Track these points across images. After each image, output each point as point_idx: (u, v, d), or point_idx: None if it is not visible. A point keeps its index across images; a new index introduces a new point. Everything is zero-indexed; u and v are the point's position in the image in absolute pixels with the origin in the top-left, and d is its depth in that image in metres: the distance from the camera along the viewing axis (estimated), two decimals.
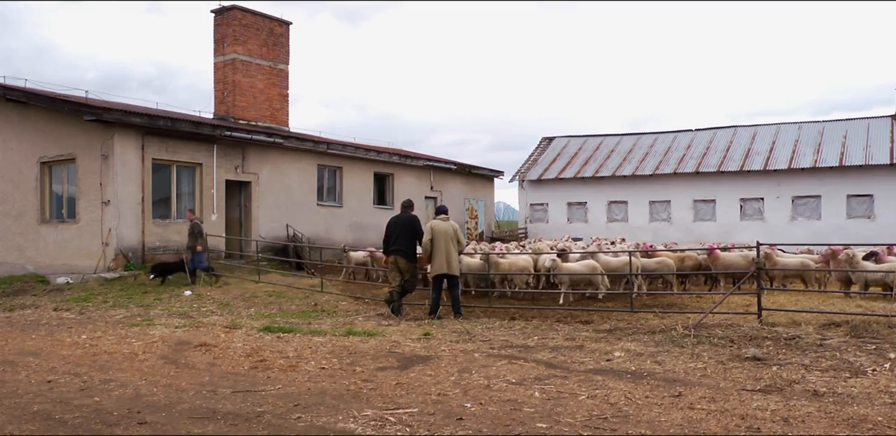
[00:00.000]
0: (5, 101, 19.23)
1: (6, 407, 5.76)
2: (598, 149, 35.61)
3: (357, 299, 13.55)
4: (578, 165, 34.34)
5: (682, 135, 34.89)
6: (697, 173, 30.76)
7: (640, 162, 33.05)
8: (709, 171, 30.60)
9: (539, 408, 5.37)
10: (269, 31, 24.82)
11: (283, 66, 25.31)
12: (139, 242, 17.48)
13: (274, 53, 24.95)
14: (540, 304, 12.85)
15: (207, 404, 5.69)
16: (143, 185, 17.77)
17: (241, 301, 13.63)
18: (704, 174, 30.69)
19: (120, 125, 17.29)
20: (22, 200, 19.31)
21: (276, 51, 25.04)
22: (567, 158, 35.36)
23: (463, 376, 6.55)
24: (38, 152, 18.92)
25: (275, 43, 25.00)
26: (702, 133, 34.53)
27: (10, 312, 13.10)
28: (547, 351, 7.79)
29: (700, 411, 5.15)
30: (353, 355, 7.74)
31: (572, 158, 35.24)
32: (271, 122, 24.58)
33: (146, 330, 10.06)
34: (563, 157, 35.56)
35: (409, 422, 5.06)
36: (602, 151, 35.33)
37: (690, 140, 33.91)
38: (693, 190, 31.03)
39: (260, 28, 24.47)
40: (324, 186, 23.72)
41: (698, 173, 30.75)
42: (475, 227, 31.25)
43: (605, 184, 32.84)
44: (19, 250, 19.08)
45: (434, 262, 11.02)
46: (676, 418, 5.02)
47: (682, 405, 5.34)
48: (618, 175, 32.49)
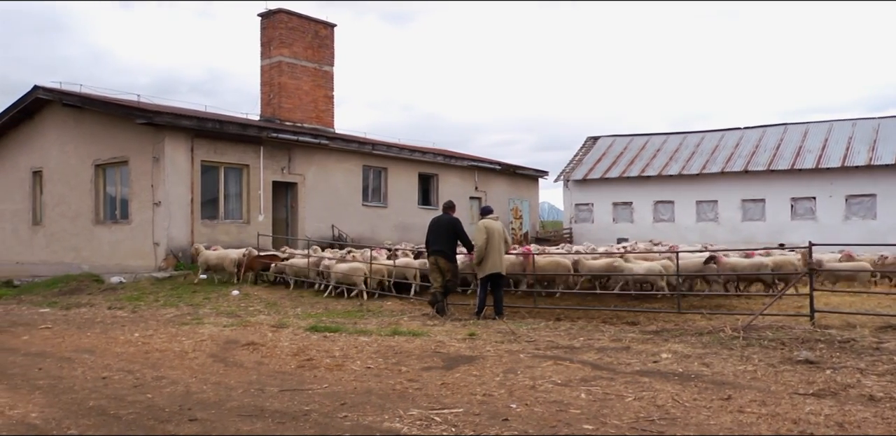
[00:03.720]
0: (62, 106, 19.79)
1: (64, 402, 5.93)
2: (643, 148, 35.21)
3: (402, 299, 13.60)
4: (624, 164, 33.99)
5: (729, 133, 34.28)
6: (746, 172, 30.20)
7: (687, 161, 32.58)
8: (758, 169, 30.01)
9: (585, 409, 5.33)
10: (315, 34, 25.08)
11: (328, 67, 25.55)
12: (188, 242, 17.82)
13: (319, 55, 25.21)
14: (586, 304, 12.74)
15: (255, 402, 5.77)
16: (193, 186, 18.10)
17: (287, 301, 13.78)
18: (753, 173, 30.11)
19: (170, 128, 17.64)
20: (78, 201, 19.84)
21: (321, 53, 25.30)
22: (612, 157, 35.03)
23: (508, 377, 6.53)
24: (93, 155, 19.41)
25: (320, 45, 25.25)
26: (750, 131, 33.87)
27: (66, 310, 13.45)
28: (593, 352, 7.72)
29: (750, 415, 5.06)
30: (398, 355, 7.78)
31: (617, 157, 34.90)
32: (317, 123, 24.85)
33: (195, 329, 10.24)
34: (609, 156, 35.24)
35: (454, 422, 5.06)
36: (648, 150, 34.92)
37: (739, 138, 33.30)
38: (741, 189, 30.46)
39: (305, 30, 24.75)
40: (369, 187, 23.88)
41: (747, 172, 30.18)
42: (520, 227, 31.14)
43: (651, 183, 32.45)
44: (75, 250, 19.59)
45: (488, 262, 10.95)
46: (726, 421, 4.93)
47: (732, 409, 5.24)
48: (664, 175, 32.08)
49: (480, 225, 11.09)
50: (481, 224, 11.10)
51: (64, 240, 20.09)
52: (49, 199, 20.83)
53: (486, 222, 11.10)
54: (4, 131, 21.98)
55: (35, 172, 21.33)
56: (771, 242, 23.58)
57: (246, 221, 19.50)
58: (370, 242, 21.55)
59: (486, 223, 11.07)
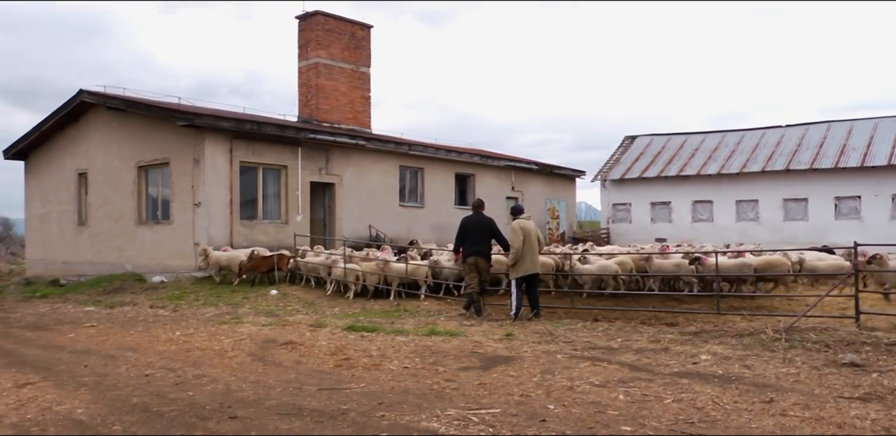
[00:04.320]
0: (106, 109, 20.17)
1: (108, 399, 6.05)
2: (681, 147, 34.79)
3: (439, 299, 13.62)
4: (662, 163, 33.63)
5: (771, 131, 33.70)
6: (788, 171, 29.66)
7: (727, 160, 32.11)
8: (800, 168, 29.46)
9: (623, 411, 5.28)
10: (351, 35, 25.23)
11: (364, 68, 25.68)
12: (227, 242, 18.03)
13: (356, 57, 25.36)
14: (623, 305, 12.64)
15: (294, 401, 5.83)
16: (232, 187, 18.33)
17: (325, 300, 13.89)
18: (795, 172, 29.56)
19: (210, 130, 17.88)
20: (121, 202, 20.21)
21: (358, 54, 25.44)
22: (650, 156, 34.68)
23: (546, 378, 6.51)
24: (136, 157, 19.77)
25: (357, 46, 25.40)
26: (792, 129, 33.26)
27: (111, 309, 13.72)
28: (631, 353, 7.66)
29: (793, 419, 4.97)
30: (435, 355, 7.79)
31: (655, 156, 34.54)
32: (354, 124, 24.99)
33: (235, 328, 10.37)
34: (646, 156, 34.89)
35: (491, 422, 5.05)
36: (686, 149, 34.50)
37: (780, 137, 32.72)
38: (783, 188, 29.93)
39: (342, 32, 24.91)
40: (406, 187, 23.95)
41: (788, 171, 29.65)
42: (556, 227, 30.98)
43: (690, 183, 32.05)
44: (119, 250, 19.97)
45: (524, 262, 10.86)
46: (768, 424, 4.85)
47: (774, 412, 5.16)
48: (703, 174, 31.66)
49: (516, 226, 10.96)
50: (516, 225, 10.98)
51: (108, 240, 20.48)
52: (94, 200, 21.26)
53: (522, 223, 11.01)
54: (51, 134, 22.49)
55: (80, 174, 21.78)
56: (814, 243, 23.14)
57: (284, 221, 19.69)
58: (407, 242, 21.62)
59: (521, 224, 10.98)
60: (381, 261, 14.45)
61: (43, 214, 23.42)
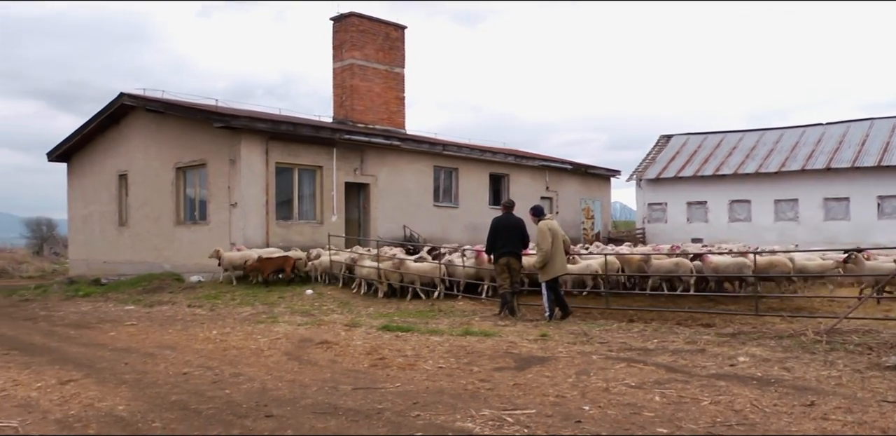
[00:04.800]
0: (146, 111, 20.53)
1: (148, 396, 6.15)
2: (718, 146, 34.33)
3: (474, 300, 13.61)
4: (698, 163, 33.22)
5: (811, 129, 33.10)
6: (828, 170, 29.10)
7: (765, 159, 31.61)
8: (842, 167, 28.88)
9: (659, 413, 5.23)
10: (386, 36, 25.34)
11: (398, 69, 25.78)
12: (263, 242, 18.22)
13: (390, 57, 25.46)
14: (659, 306, 12.51)
15: (329, 400, 5.87)
16: (268, 187, 18.52)
17: (360, 300, 13.96)
18: (836, 170, 28.99)
19: (246, 131, 18.09)
20: (160, 203, 20.54)
21: (392, 55, 25.54)
22: (686, 156, 34.28)
23: (581, 379, 6.47)
24: (174, 158, 20.07)
25: (391, 47, 25.50)
26: (833, 127, 32.62)
27: (150, 308, 13.95)
28: (667, 354, 7.58)
29: (835, 423, 4.88)
30: (470, 355, 7.79)
31: (692, 155, 34.13)
32: (388, 124, 25.09)
33: (271, 327, 10.48)
34: (682, 155, 34.50)
35: (526, 423, 5.04)
36: (723, 148, 34.03)
37: (820, 135, 32.11)
38: (823, 187, 29.36)
39: (376, 33, 25.03)
40: (440, 187, 23.98)
41: (829, 170, 29.09)
42: (591, 227, 30.78)
43: (727, 182, 31.61)
44: (157, 250, 20.29)
45: (555, 264, 10.79)
46: (808, 428, 4.77)
47: (815, 415, 5.06)
48: (740, 173, 31.21)
49: (544, 227, 10.81)
50: (544, 226, 10.83)
51: (147, 240, 20.82)
52: (133, 201, 21.63)
53: (549, 224, 10.92)
54: (93, 137, 22.94)
55: (121, 175, 22.18)
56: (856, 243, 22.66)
57: (319, 221, 19.84)
58: (441, 242, 21.65)
59: (548, 225, 10.88)
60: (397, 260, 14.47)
61: (85, 214, 23.90)
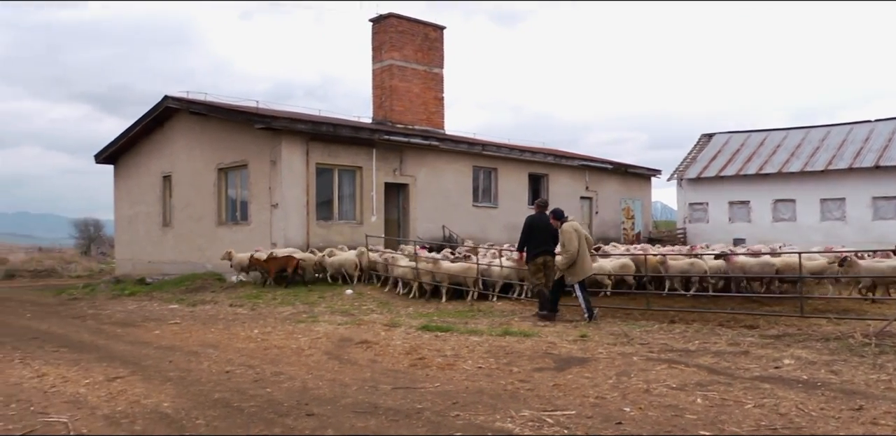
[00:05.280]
0: (189, 114, 20.87)
1: (192, 393, 6.25)
2: (762, 144, 33.72)
3: (513, 300, 13.58)
4: (741, 161, 32.68)
5: (858, 127, 32.32)
6: (878, 168, 28.39)
7: (810, 157, 30.97)
8: (891, 165, 28.14)
9: (702, 415, 5.17)
10: (424, 36, 25.39)
11: (437, 69, 25.81)
12: (304, 242, 18.40)
13: (429, 58, 25.50)
14: (701, 306, 12.34)
15: (369, 399, 5.90)
16: (308, 188, 18.68)
17: (399, 300, 14.01)
18: (886, 168, 28.25)
19: (287, 132, 18.28)
20: (202, 204, 20.86)
21: (430, 55, 25.58)
22: (728, 154, 33.74)
23: (621, 380, 6.42)
24: (216, 159, 20.37)
25: (429, 47, 25.54)
26: (882, 124, 31.80)
27: (193, 307, 14.18)
28: (709, 356, 7.48)
29: (885, 428, 4.76)
30: (509, 355, 7.78)
31: (734, 154, 33.59)
32: (427, 125, 25.13)
33: (311, 327, 10.57)
34: (724, 153, 33.97)
35: (566, 424, 5.02)
36: (767, 146, 33.42)
37: (869, 132, 31.34)
38: (872, 186, 28.64)
39: (415, 34, 25.09)
40: (479, 187, 23.96)
41: (878, 168, 28.38)
42: (632, 227, 30.49)
43: (771, 181, 31.04)
44: (200, 250, 20.60)
45: (583, 265, 10.84)
46: (857, 433, 4.67)
47: (864, 420, 4.95)
48: (784, 172, 30.61)
49: (569, 228, 10.84)
50: (569, 227, 10.86)
51: (190, 240, 21.16)
52: (177, 202, 22.01)
53: (573, 225, 10.99)
54: (138, 139, 23.39)
55: (165, 177, 22.57)
56: None
57: (359, 221, 19.96)
58: (480, 242, 21.64)
59: (573, 226, 10.94)
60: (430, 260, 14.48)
61: (130, 215, 24.38)
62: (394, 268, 14.97)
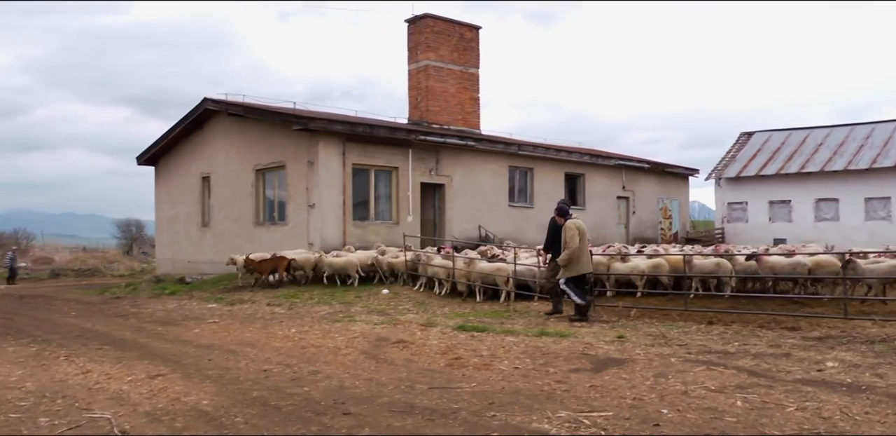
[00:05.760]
0: (227, 115, 21.15)
1: (230, 392, 6.33)
2: (803, 143, 33.11)
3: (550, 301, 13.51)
4: (782, 160, 32.14)
5: None
6: None
7: (854, 155, 30.33)
8: None
9: (742, 418, 5.09)
10: (460, 37, 25.41)
11: (473, 69, 25.80)
12: (340, 242, 18.52)
13: (465, 58, 25.51)
14: (740, 308, 12.15)
15: (406, 399, 5.92)
16: (344, 188, 18.81)
17: (435, 300, 14.03)
18: None
19: (324, 133, 18.42)
20: (241, 204, 21.12)
21: (466, 55, 25.58)
22: (769, 153, 33.20)
23: (659, 381, 6.35)
24: (254, 160, 20.60)
25: (465, 48, 25.55)
26: None
27: (231, 306, 14.35)
28: (749, 358, 7.36)
29: None
30: (545, 356, 7.74)
31: (774, 153, 33.04)
32: (463, 125, 25.14)
33: (348, 326, 10.63)
34: (764, 152, 33.43)
35: (603, 425, 4.98)
36: (808, 144, 32.80)
37: None
38: None
39: (451, 34, 25.12)
40: (515, 187, 23.91)
41: None
42: (669, 227, 30.17)
43: (813, 180, 30.47)
44: (238, 250, 20.81)
45: (580, 261, 10.93)
46: None
47: None
48: (827, 170, 30.03)
49: (571, 225, 10.99)
50: (572, 224, 11.02)
51: (228, 240, 21.43)
52: (216, 202, 22.31)
53: (576, 223, 11.09)
54: (178, 141, 23.78)
55: (204, 178, 22.90)
56: None
57: (395, 221, 20.04)
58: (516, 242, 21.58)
59: (576, 224, 11.06)
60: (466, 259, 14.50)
61: (171, 215, 24.78)
62: (427, 267, 15.03)
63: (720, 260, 13.92)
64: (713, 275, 13.79)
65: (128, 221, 53.36)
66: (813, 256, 13.94)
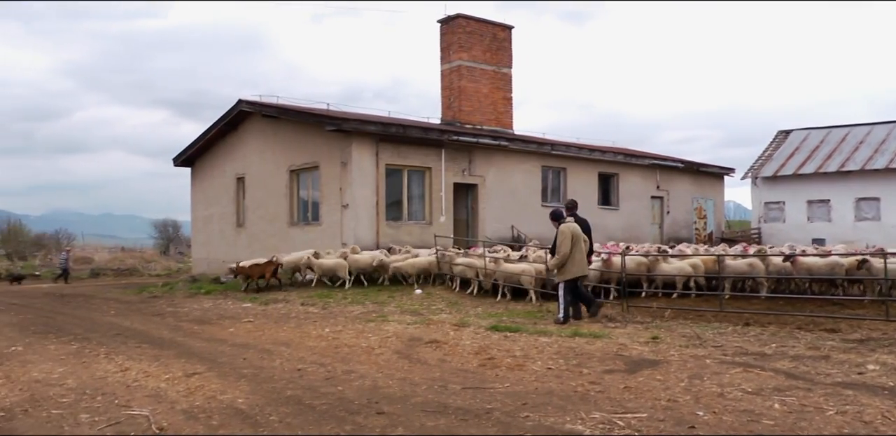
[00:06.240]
0: (262, 116, 21.37)
1: (265, 390, 6.39)
2: (843, 141, 32.50)
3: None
4: (820, 159, 31.58)
5: None
6: None
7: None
8: None
9: (779, 421, 5.01)
10: (493, 37, 25.37)
11: (506, 69, 25.75)
12: (374, 242, 18.60)
13: (497, 58, 25.46)
14: (777, 309, 11.97)
15: (439, 399, 5.93)
16: (378, 189, 18.89)
17: (468, 300, 14.03)
18: None
19: (357, 134, 18.52)
20: (275, 205, 21.32)
21: (499, 55, 25.53)
22: (807, 151, 32.64)
23: (694, 383, 6.28)
24: (288, 161, 20.79)
25: (498, 48, 25.50)
26: None
27: (265, 305, 14.48)
28: (787, 360, 7.25)
29: None
30: (579, 357, 7.71)
31: (813, 151, 32.47)
32: (496, 125, 25.10)
33: (381, 326, 10.68)
34: (803, 151, 32.88)
35: (637, 427, 4.94)
36: (848, 142, 32.19)
37: None
38: None
39: (483, 34, 25.09)
40: (548, 187, 23.81)
41: None
42: (704, 227, 29.81)
43: (853, 179, 29.89)
44: (272, 250, 21.00)
45: (573, 265, 10.89)
46: None
47: None
48: (868, 169, 29.44)
49: (565, 229, 11.05)
50: (565, 228, 11.07)
51: (263, 240, 21.64)
52: (250, 203, 22.55)
53: (570, 226, 11.12)
54: (214, 142, 24.08)
55: (238, 179, 23.16)
56: None
57: (428, 222, 20.07)
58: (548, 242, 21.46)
59: (569, 227, 11.08)
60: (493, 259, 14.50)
61: (206, 216, 25.10)
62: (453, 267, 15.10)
63: (753, 260, 13.74)
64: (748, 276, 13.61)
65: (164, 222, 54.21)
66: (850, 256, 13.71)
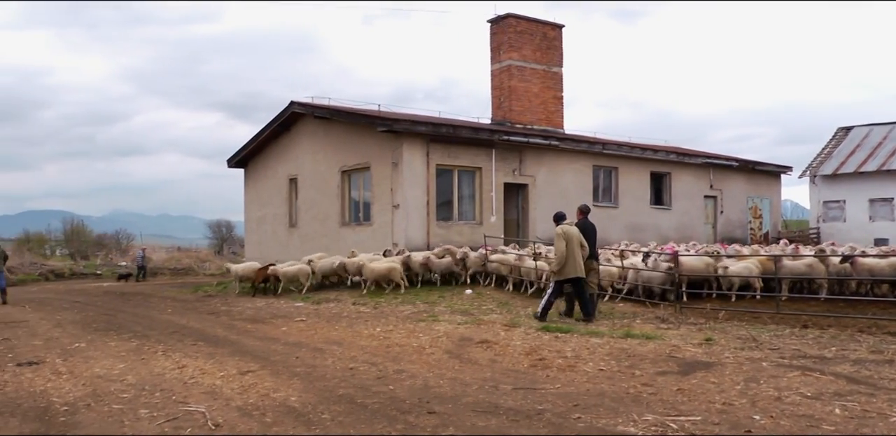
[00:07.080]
0: (314, 118, 21.63)
1: (318, 389, 6.47)
2: None
3: (635, 302, 13.29)
4: (883, 156, 30.62)
5: None
6: None
7: None
8: None
9: (840, 426, 4.88)
10: (543, 36, 25.24)
11: (556, 68, 25.59)
12: (424, 242, 18.67)
13: (547, 57, 25.32)
14: (837, 311, 11.63)
15: (490, 399, 5.92)
16: (428, 189, 18.95)
17: (518, 300, 13.99)
18: None
19: (408, 134, 18.61)
20: (327, 205, 21.55)
21: (549, 54, 25.39)
22: (868, 149, 31.68)
23: (750, 386, 6.16)
24: (340, 162, 21.00)
25: (548, 47, 25.36)
26: None
27: (317, 305, 14.66)
28: (848, 364, 7.05)
29: None
30: (631, 358, 7.62)
31: (875, 148, 31.50)
32: (546, 125, 24.96)
33: (432, 326, 10.71)
34: (864, 148, 31.92)
35: (691, 430, 4.86)
36: None
37: None
38: None
39: (533, 33, 24.98)
40: (599, 187, 23.57)
41: None
42: (759, 227, 29.16)
43: None
44: (324, 250, 21.26)
45: (568, 266, 10.89)
46: None
47: None
48: None
49: (559, 231, 11.08)
50: (560, 230, 11.10)
51: (314, 240, 21.89)
52: (303, 203, 22.84)
53: (564, 228, 11.15)
54: (266, 143, 24.45)
55: (291, 179, 23.48)
56: None
57: (479, 222, 20.06)
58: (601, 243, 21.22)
59: (564, 229, 11.11)
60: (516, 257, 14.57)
61: (259, 216, 25.50)
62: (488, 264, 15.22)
63: (812, 261, 13.39)
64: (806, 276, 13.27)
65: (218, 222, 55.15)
66: None
